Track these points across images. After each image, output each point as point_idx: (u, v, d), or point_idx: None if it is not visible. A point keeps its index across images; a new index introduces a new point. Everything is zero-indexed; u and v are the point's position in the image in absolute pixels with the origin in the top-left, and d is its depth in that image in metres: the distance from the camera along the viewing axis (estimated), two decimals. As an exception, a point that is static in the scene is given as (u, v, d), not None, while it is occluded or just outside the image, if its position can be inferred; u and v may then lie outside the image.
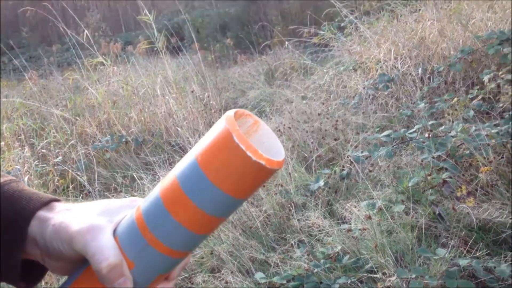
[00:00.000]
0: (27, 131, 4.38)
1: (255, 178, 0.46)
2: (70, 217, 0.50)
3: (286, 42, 5.58)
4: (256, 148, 0.45)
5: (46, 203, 0.52)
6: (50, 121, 4.53)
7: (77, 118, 4.49)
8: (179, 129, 3.93)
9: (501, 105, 2.93)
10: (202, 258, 2.41)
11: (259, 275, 2.12)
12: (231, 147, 0.45)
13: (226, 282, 2.19)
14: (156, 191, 0.50)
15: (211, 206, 0.47)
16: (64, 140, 4.06)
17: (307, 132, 3.37)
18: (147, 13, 4.44)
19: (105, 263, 0.47)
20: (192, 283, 2.29)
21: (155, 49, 4.84)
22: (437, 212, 2.17)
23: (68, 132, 4.20)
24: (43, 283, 2.18)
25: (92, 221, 0.49)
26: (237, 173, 0.45)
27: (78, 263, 0.52)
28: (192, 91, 4.61)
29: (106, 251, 0.47)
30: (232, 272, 2.22)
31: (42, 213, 0.51)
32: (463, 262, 1.77)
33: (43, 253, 0.51)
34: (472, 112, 2.82)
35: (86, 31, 4.76)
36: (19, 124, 4.38)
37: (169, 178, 0.49)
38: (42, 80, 6.14)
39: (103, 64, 4.95)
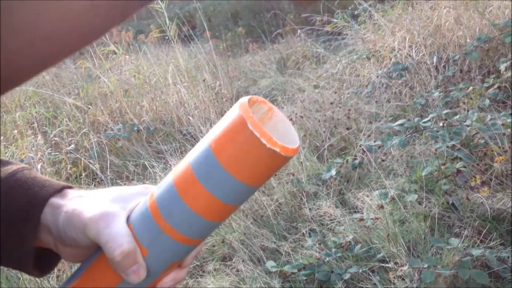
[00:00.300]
0: (40, 119, 4.40)
1: (269, 166, 0.46)
2: (83, 204, 0.50)
3: (299, 31, 5.53)
4: (270, 135, 0.44)
5: (58, 190, 0.52)
6: (62, 110, 4.55)
7: (90, 106, 4.50)
8: (190, 118, 3.92)
9: (517, 94, 2.88)
10: (214, 246, 2.41)
11: (270, 264, 2.11)
12: (245, 134, 0.44)
13: (237, 270, 2.19)
14: (169, 179, 0.49)
15: (225, 193, 0.46)
16: (77, 129, 4.08)
17: (319, 121, 3.35)
18: (159, 1, 4.43)
19: (119, 250, 0.46)
20: (204, 271, 2.30)
21: (167, 37, 4.83)
22: (450, 202, 2.14)
23: (81, 121, 4.21)
24: (55, 270, 2.19)
25: (105, 208, 0.49)
26: (251, 160, 0.45)
27: (92, 250, 0.51)
28: (204, 80, 4.60)
29: (119, 238, 0.47)
30: (243, 261, 2.22)
31: (55, 200, 0.51)
32: (476, 252, 1.75)
33: (56, 240, 0.51)
34: (487, 101, 2.77)
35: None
36: (32, 112, 4.40)
37: (182, 165, 0.49)
38: (55, 69, 6.16)
39: (115, 53, 4.95)
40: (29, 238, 0.50)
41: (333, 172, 2.62)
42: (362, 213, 2.27)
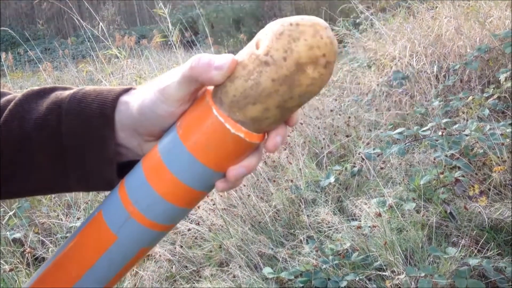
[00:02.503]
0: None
1: (234, 151, 0.46)
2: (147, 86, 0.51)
3: (300, 38, 5.55)
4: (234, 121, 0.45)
5: (126, 90, 0.52)
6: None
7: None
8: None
9: (517, 104, 2.88)
10: (211, 251, 2.41)
11: (267, 270, 2.11)
12: (210, 119, 0.45)
13: (234, 276, 2.18)
14: (139, 164, 0.50)
15: (191, 178, 0.47)
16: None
17: (319, 128, 3.35)
18: (162, 6, 4.44)
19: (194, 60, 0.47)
20: (200, 277, 2.29)
21: (169, 43, 4.85)
22: (448, 211, 2.14)
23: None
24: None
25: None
26: (216, 145, 0.46)
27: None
28: (205, 85, 4.60)
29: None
30: (240, 267, 2.21)
31: (124, 97, 0.51)
32: (473, 261, 1.74)
33: (137, 135, 0.51)
34: (487, 111, 2.78)
35: (101, 24, 4.78)
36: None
37: (152, 151, 0.49)
38: (57, 72, 6.19)
39: (117, 57, 4.96)
40: (108, 139, 0.50)
41: (332, 179, 2.62)
42: (360, 221, 2.27)
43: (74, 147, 0.50)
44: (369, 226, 2.15)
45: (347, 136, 3.14)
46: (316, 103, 3.87)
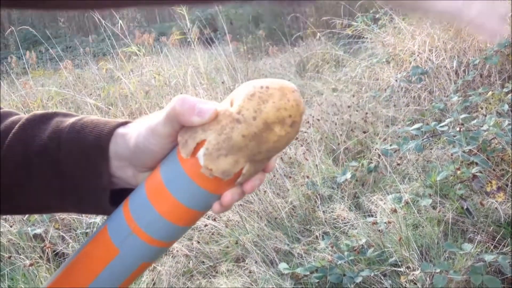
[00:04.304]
0: (61, 119, 4.47)
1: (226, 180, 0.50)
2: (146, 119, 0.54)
3: (319, 34, 5.53)
4: None
5: (122, 123, 0.56)
6: (84, 110, 4.62)
7: (110, 107, 4.56)
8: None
9: (537, 99, 2.84)
10: (227, 247, 2.43)
11: (282, 266, 2.12)
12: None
13: (250, 272, 2.20)
14: (142, 183, 0.53)
15: (189, 199, 0.50)
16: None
17: (336, 124, 3.35)
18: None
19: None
20: (217, 272, 2.31)
21: (188, 40, 4.87)
22: (465, 207, 2.13)
23: (101, 121, 4.27)
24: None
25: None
26: None
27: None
28: (223, 82, 4.63)
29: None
30: (256, 262, 2.23)
31: (120, 130, 0.54)
32: (489, 257, 1.73)
33: (132, 166, 0.54)
34: (506, 106, 2.74)
35: (121, 21, 4.82)
36: (54, 112, 4.47)
37: (155, 171, 0.52)
38: (78, 70, 6.27)
39: (137, 55, 5.01)
40: (102, 168, 0.53)
41: (348, 175, 2.62)
42: (376, 217, 2.26)
43: (71, 175, 0.54)
44: (385, 222, 2.15)
45: (364, 132, 3.13)
46: (334, 99, 3.86)
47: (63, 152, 0.54)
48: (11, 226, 2.56)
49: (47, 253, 2.30)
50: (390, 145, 2.63)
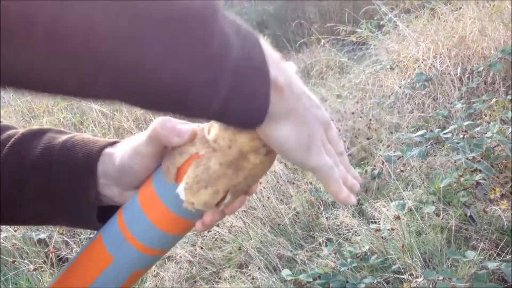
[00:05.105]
0: (66, 124, 4.50)
1: None
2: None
3: (323, 40, 5.54)
4: None
5: (111, 143, 0.58)
6: (89, 116, 4.64)
7: (115, 113, 4.58)
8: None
9: (541, 106, 2.84)
10: (231, 253, 2.43)
11: (285, 272, 2.12)
12: None
13: (253, 278, 2.20)
14: (136, 193, 0.54)
15: (178, 209, 0.51)
16: (102, 134, 4.15)
17: (340, 130, 3.35)
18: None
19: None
20: (220, 278, 2.31)
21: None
22: (468, 214, 2.13)
23: (106, 127, 4.29)
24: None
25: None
26: None
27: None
28: (228, 88, 4.63)
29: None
30: (259, 268, 2.23)
31: (108, 150, 0.57)
32: (492, 265, 1.73)
33: (118, 185, 0.56)
34: (510, 113, 2.73)
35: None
36: (59, 117, 4.50)
37: (148, 180, 0.54)
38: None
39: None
40: (90, 186, 0.56)
41: (352, 182, 2.61)
42: (379, 224, 2.26)
43: (61, 190, 0.56)
44: (388, 229, 2.15)
45: (368, 138, 3.13)
46: (338, 106, 3.86)
47: (54, 168, 0.56)
48: (15, 231, 2.57)
49: (51, 258, 2.31)
50: (394, 151, 2.63)
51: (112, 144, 0.58)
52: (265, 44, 0.44)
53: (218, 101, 0.40)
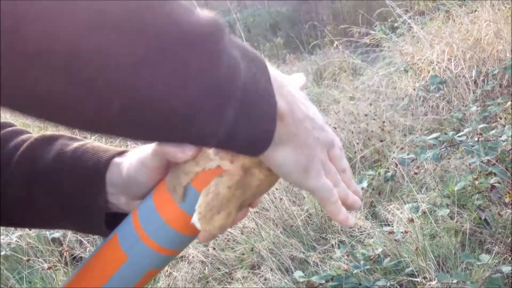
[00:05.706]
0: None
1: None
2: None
3: (336, 42, 5.53)
4: None
5: (120, 152, 0.59)
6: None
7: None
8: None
9: (557, 109, 2.81)
10: (243, 254, 2.43)
11: (298, 274, 2.12)
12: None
13: (265, 279, 2.20)
14: (151, 192, 0.55)
15: (192, 209, 0.50)
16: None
17: (353, 132, 3.34)
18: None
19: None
20: (232, 279, 2.32)
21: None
22: (482, 217, 2.11)
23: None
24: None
25: None
26: None
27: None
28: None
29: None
30: (271, 270, 2.23)
31: (117, 159, 0.58)
32: (506, 268, 1.72)
33: (125, 194, 0.57)
34: (526, 116, 2.72)
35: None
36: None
37: (163, 178, 0.54)
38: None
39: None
40: (99, 192, 0.57)
41: (365, 184, 2.61)
42: (392, 226, 2.26)
43: (71, 194, 0.58)
44: (402, 232, 2.14)
45: (381, 141, 3.12)
46: (351, 108, 3.85)
47: (65, 174, 0.58)
48: (30, 230, 2.59)
49: (65, 257, 2.33)
50: (408, 154, 2.62)
51: (121, 153, 0.59)
52: (270, 67, 0.45)
53: (225, 127, 0.40)
